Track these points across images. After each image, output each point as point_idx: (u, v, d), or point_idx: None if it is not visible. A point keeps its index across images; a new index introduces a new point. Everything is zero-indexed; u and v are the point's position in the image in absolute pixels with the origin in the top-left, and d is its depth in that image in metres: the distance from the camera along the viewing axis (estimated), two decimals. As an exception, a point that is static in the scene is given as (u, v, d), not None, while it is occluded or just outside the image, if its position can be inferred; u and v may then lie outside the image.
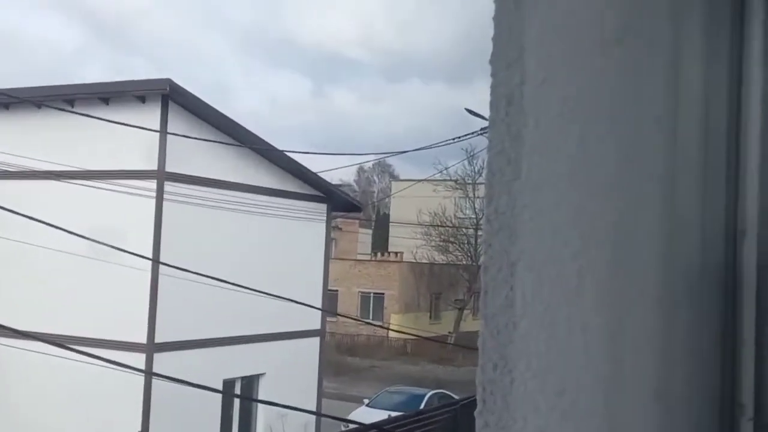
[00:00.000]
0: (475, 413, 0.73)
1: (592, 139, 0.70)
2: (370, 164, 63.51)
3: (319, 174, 19.61)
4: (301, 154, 31.63)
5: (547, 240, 0.70)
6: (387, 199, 56.51)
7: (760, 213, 0.69)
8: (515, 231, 0.71)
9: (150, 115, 15.23)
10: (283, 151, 17.75)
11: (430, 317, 40.58)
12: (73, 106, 15.56)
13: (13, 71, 68.13)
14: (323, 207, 20.17)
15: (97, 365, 10.38)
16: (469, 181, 38.89)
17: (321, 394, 19.76)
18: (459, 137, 19.87)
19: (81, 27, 77.25)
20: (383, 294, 40.06)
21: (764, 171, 0.69)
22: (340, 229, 42.67)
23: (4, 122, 16.75)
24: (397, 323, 36.97)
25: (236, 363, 16.75)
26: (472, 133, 20.34)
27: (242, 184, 17.04)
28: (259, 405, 17.39)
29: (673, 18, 0.69)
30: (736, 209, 0.71)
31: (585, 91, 0.70)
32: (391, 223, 50.52)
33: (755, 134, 0.70)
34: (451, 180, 38.73)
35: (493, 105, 0.73)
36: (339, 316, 32.19)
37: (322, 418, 17.95)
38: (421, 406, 19.98)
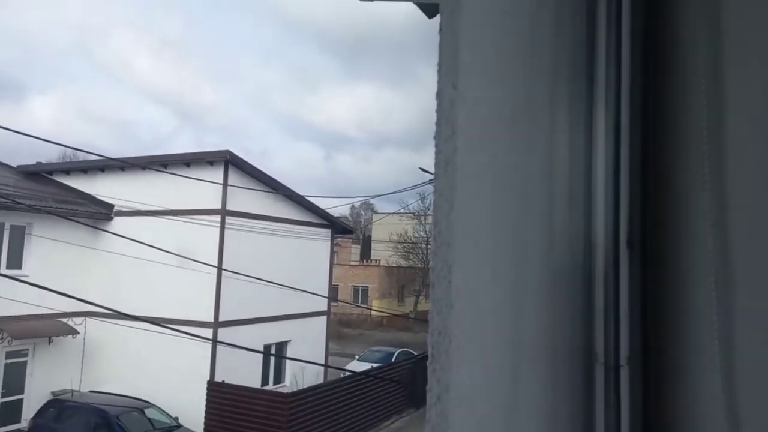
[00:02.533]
0: (427, 363, 0.72)
1: (499, 186, 0.71)
2: (359, 203, 63.67)
3: (326, 209, 19.60)
4: (314, 197, 31.55)
5: (470, 250, 0.71)
6: (369, 226, 56.28)
7: (605, 232, 0.70)
8: (451, 244, 0.71)
9: (216, 174, 15.13)
10: (303, 195, 17.71)
11: (398, 301, 40.31)
12: (166, 168, 15.44)
13: (127, 146, 67.33)
14: (328, 231, 20.06)
15: (182, 336, 10.19)
16: (422, 214, 39.00)
17: (327, 353, 19.51)
18: (415, 185, 20.03)
19: (172, 114, 77.02)
20: (368, 287, 39.79)
21: (608, 203, 0.70)
22: (339, 245, 42.43)
23: (121, 180, 16.57)
24: (377, 306, 36.72)
25: (272, 333, 16.51)
26: (424, 182, 20.52)
27: (275, 217, 16.94)
28: (287, 361, 17.14)
29: (550, 105, 0.71)
30: (591, 228, 0.71)
31: (495, 156, 0.71)
32: (372, 241, 50.34)
33: (601, 179, 0.71)
34: (410, 213, 38.81)
35: (437, 165, 0.74)
36: (339, 302, 31.90)
37: (329, 369, 17.71)
38: (393, 360, 19.80)
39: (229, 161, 15.12)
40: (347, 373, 16.00)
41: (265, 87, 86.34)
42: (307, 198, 18.44)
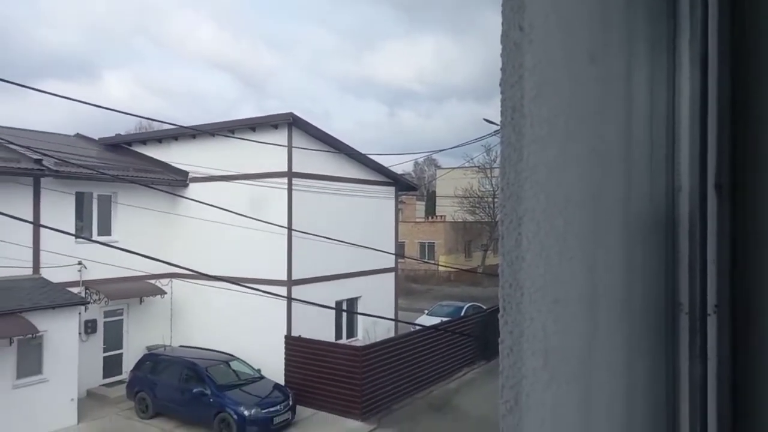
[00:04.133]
0: (499, 316, 0.72)
1: (571, 131, 0.68)
2: (422, 159, 63.20)
3: (390, 167, 19.62)
4: (377, 155, 31.62)
5: (542, 202, 0.69)
6: (434, 182, 55.92)
7: (690, 174, 0.66)
8: (520, 196, 0.70)
9: (281, 136, 15.47)
10: (366, 154, 17.80)
11: (465, 257, 40.26)
12: (234, 134, 15.95)
13: (197, 114, 69.97)
14: (393, 189, 20.15)
15: (259, 294, 10.74)
16: (487, 167, 38.17)
17: (397, 308, 19.95)
18: (480, 138, 19.55)
19: (236, 81, 78.96)
20: (434, 243, 39.92)
21: (693, 143, 0.65)
22: (404, 202, 42.59)
23: (193, 147, 17.32)
24: (444, 261, 36.87)
25: (343, 290, 17.05)
26: (489, 134, 19.99)
27: (340, 177, 17.18)
28: (359, 316, 17.72)
29: (627, 44, 0.66)
30: (674, 171, 0.67)
31: (565, 100, 0.69)
32: (437, 197, 50.10)
33: (686, 117, 0.66)
34: (475, 167, 38.12)
35: (503, 113, 0.72)
36: (406, 258, 32.30)
37: (399, 323, 18.15)
38: (462, 314, 19.97)
39: (292, 124, 15.38)
40: (417, 327, 16.35)
41: (324, 49, 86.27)
42: (370, 156, 18.54)
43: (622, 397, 0.65)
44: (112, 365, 15.75)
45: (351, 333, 17.88)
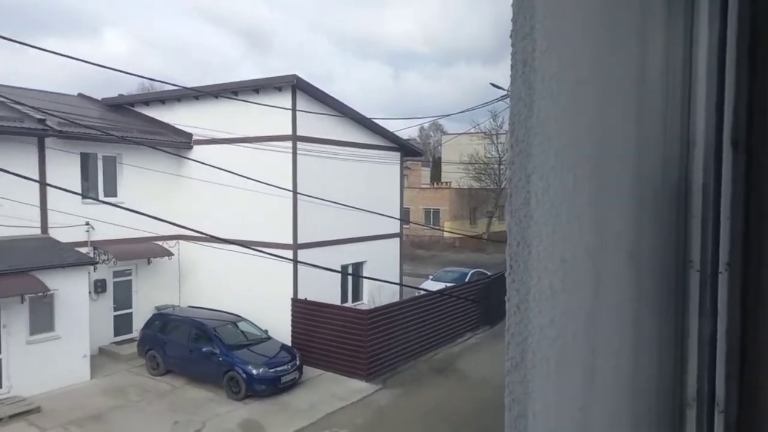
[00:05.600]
0: (506, 274, 0.72)
1: (581, 86, 0.66)
2: (427, 124, 62.57)
3: (395, 132, 19.45)
4: (382, 119, 31.31)
5: (551, 158, 0.68)
6: (439, 147, 55.53)
7: (705, 129, 0.64)
8: (529, 152, 0.69)
9: (284, 99, 15.31)
10: (370, 118, 17.57)
11: (470, 223, 40.32)
12: (237, 95, 15.81)
13: (199, 75, 69.06)
14: (398, 154, 20.03)
15: (265, 257, 10.84)
16: (494, 133, 37.76)
17: (402, 273, 20.14)
18: (486, 103, 19.24)
19: (240, 40, 77.55)
20: (439, 209, 39.95)
21: (710, 96, 0.63)
22: (409, 168, 42.42)
23: (197, 108, 17.19)
24: (449, 227, 36.97)
25: (348, 254, 17.19)
26: (495, 99, 19.69)
27: (344, 141, 17.07)
28: (364, 280, 17.93)
29: (641, 6, 0.64)
30: (688, 126, 0.65)
31: (576, 54, 0.67)
32: (442, 163, 49.83)
33: (702, 68, 0.64)
34: (481, 132, 37.73)
35: (513, 67, 0.70)
36: (411, 224, 32.39)
37: (404, 288, 18.36)
38: (466, 280, 20.14)
39: (296, 86, 15.19)
40: (422, 292, 16.53)
41: (328, 4, 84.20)
42: (375, 121, 18.36)
43: (629, 354, 0.65)
44: (122, 324, 16.09)
45: (357, 297, 18.11)
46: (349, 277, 17.54)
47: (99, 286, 15.29)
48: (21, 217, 13.19)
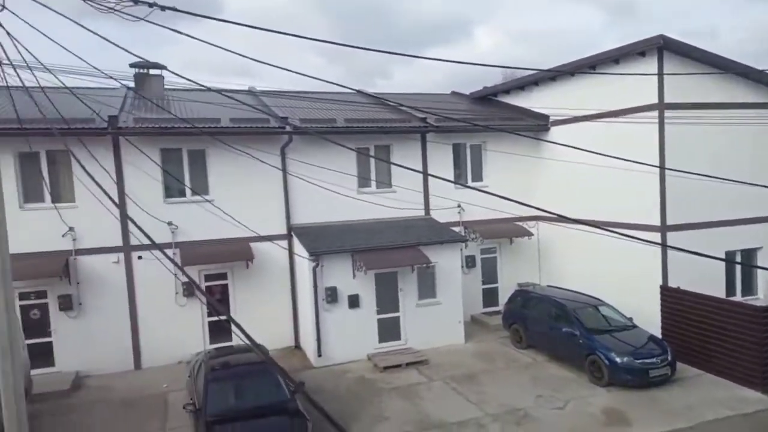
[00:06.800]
0: None
1: None
2: None
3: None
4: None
5: None
6: None
7: None
8: None
9: (649, 65, 13.72)
10: (763, 70, 13.94)
11: None
12: (594, 69, 15.10)
13: (557, 55, 67.85)
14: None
15: (628, 240, 10.10)
16: None
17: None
18: None
19: (600, 10, 72.73)
20: None
21: None
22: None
23: (553, 89, 17.25)
24: None
25: (735, 238, 14.39)
26: None
27: (726, 103, 14.20)
28: (759, 272, 14.71)
29: None
30: None
31: None
32: None
33: None
34: None
35: None
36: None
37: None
38: None
39: (663, 47, 13.41)
40: None
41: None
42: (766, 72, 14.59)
43: None
44: (489, 297, 17.77)
45: (748, 290, 15.04)
46: (737, 266, 14.65)
47: (469, 262, 17.22)
48: (411, 201, 16.03)
